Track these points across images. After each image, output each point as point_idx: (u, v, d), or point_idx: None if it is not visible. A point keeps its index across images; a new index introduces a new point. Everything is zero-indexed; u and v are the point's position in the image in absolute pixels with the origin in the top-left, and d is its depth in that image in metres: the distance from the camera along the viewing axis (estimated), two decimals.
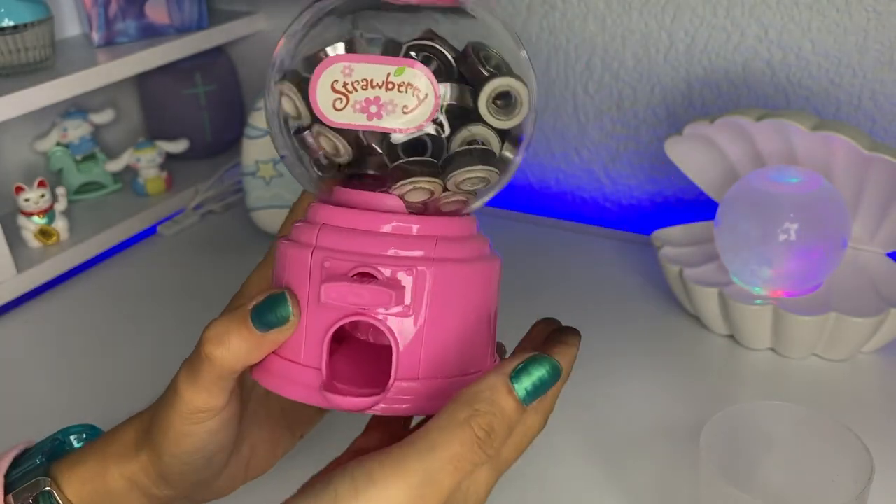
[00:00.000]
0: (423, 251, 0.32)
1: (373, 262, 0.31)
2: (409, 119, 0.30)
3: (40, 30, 0.74)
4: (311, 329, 0.32)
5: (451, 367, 0.33)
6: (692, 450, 0.43)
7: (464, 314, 0.33)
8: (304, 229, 0.33)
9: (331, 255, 0.31)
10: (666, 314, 0.67)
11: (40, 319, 0.74)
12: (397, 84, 0.29)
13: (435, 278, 0.31)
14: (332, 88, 0.30)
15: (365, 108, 0.30)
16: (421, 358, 0.32)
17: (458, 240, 0.33)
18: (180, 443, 0.34)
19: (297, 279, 0.32)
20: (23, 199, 0.77)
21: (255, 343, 0.32)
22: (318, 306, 0.31)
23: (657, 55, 0.76)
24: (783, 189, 0.59)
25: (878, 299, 0.59)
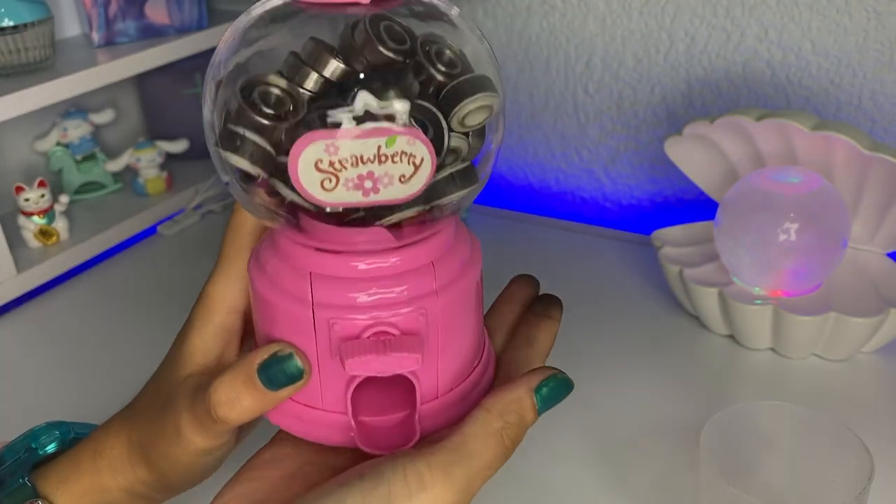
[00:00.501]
0: (426, 284, 0.31)
1: (385, 318, 0.30)
2: (409, 187, 0.28)
3: (40, 30, 0.74)
4: (328, 381, 0.31)
5: (463, 372, 0.33)
6: (692, 450, 0.43)
7: (467, 321, 0.33)
8: (288, 276, 0.31)
9: (336, 314, 0.30)
10: (666, 314, 0.67)
11: (40, 319, 0.74)
12: (390, 156, 0.27)
13: (443, 308, 0.31)
14: (317, 168, 0.27)
15: (359, 185, 0.27)
16: (438, 379, 0.32)
17: (449, 253, 0.32)
18: (190, 469, 0.34)
19: (301, 337, 0.30)
20: (23, 199, 0.77)
21: (270, 400, 0.31)
22: (333, 362, 0.30)
23: (657, 55, 0.76)
24: (783, 189, 0.59)
25: (878, 299, 0.59)
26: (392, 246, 0.30)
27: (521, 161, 0.88)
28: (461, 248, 0.33)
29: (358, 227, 0.30)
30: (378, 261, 0.30)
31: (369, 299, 0.30)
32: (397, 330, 0.30)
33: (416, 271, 0.30)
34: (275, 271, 0.31)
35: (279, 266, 0.31)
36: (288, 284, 0.31)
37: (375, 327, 0.30)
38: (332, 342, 0.30)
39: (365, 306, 0.30)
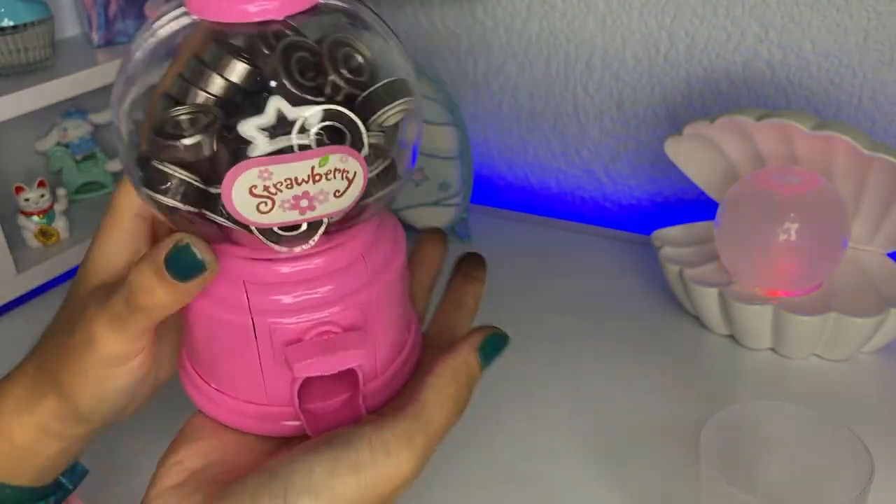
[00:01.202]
0: (360, 278, 0.31)
1: (325, 318, 0.30)
2: (343, 200, 0.28)
3: (40, 30, 0.74)
4: (272, 380, 0.31)
5: (398, 346, 0.34)
6: (692, 450, 0.43)
7: (399, 304, 0.34)
8: (223, 287, 0.30)
9: (276, 320, 0.30)
10: (666, 314, 0.67)
11: (40, 319, 0.74)
12: (324, 174, 0.27)
13: (378, 296, 0.32)
14: (252, 193, 0.26)
15: (295, 206, 0.27)
16: (377, 361, 0.33)
17: (377, 244, 0.33)
18: (101, 386, 0.33)
19: (239, 342, 0.31)
20: (23, 199, 0.77)
21: (182, 293, 0.30)
22: (277, 364, 0.30)
23: (657, 55, 0.76)
24: (783, 189, 0.59)
25: (878, 299, 0.59)
26: (322, 247, 0.31)
27: (521, 161, 0.88)
28: (385, 235, 0.34)
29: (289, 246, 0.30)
30: (311, 262, 0.30)
31: (307, 300, 0.30)
32: (339, 327, 0.30)
33: (349, 267, 0.31)
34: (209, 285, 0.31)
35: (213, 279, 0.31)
36: (224, 295, 0.30)
37: (318, 328, 0.30)
38: (274, 347, 0.30)
39: (303, 308, 0.30)
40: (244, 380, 0.32)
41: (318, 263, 0.31)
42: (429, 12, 0.86)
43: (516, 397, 0.58)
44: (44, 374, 0.35)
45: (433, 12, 0.86)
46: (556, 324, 0.67)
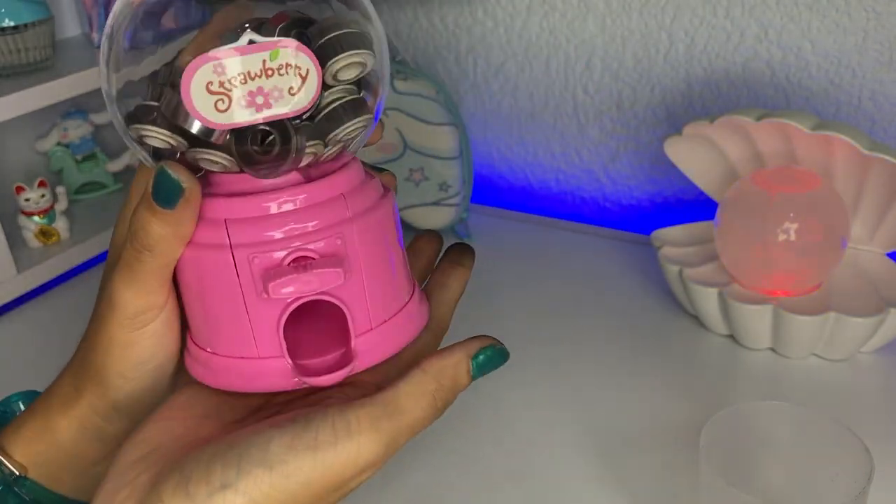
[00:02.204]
0: (339, 213, 0.32)
1: (302, 243, 0.31)
2: (299, 99, 0.29)
3: (40, 30, 0.74)
4: (258, 324, 0.31)
5: (392, 305, 0.34)
6: (692, 450, 0.43)
7: (388, 253, 0.34)
8: (204, 229, 0.32)
9: (255, 250, 0.31)
10: (666, 314, 0.67)
11: (40, 319, 0.74)
12: (276, 68, 0.28)
13: (360, 233, 0.32)
14: (209, 90, 0.28)
15: (251, 102, 0.28)
16: (368, 309, 0.33)
17: (359, 188, 0.33)
18: (126, 356, 0.34)
19: (223, 283, 0.31)
20: (23, 199, 0.77)
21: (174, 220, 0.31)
22: (260, 300, 0.31)
23: (657, 55, 0.76)
24: (783, 189, 0.59)
25: (877, 299, 0.59)
26: (302, 184, 0.32)
27: (521, 161, 0.88)
28: (371, 186, 0.34)
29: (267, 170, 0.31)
30: (290, 196, 0.31)
31: (285, 231, 0.31)
32: (317, 255, 0.31)
33: (329, 202, 0.32)
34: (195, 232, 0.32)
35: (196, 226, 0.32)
36: (205, 237, 0.31)
37: (295, 254, 0.31)
38: (255, 279, 0.31)
39: (282, 238, 0.31)
40: (233, 328, 0.32)
41: (298, 198, 0.31)
42: (429, 12, 0.86)
43: (516, 397, 0.58)
44: (84, 366, 0.36)
45: (433, 12, 0.86)
46: (555, 323, 0.67)
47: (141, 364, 0.34)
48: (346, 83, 0.32)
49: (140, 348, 0.34)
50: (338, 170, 0.33)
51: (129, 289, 0.32)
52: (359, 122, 0.32)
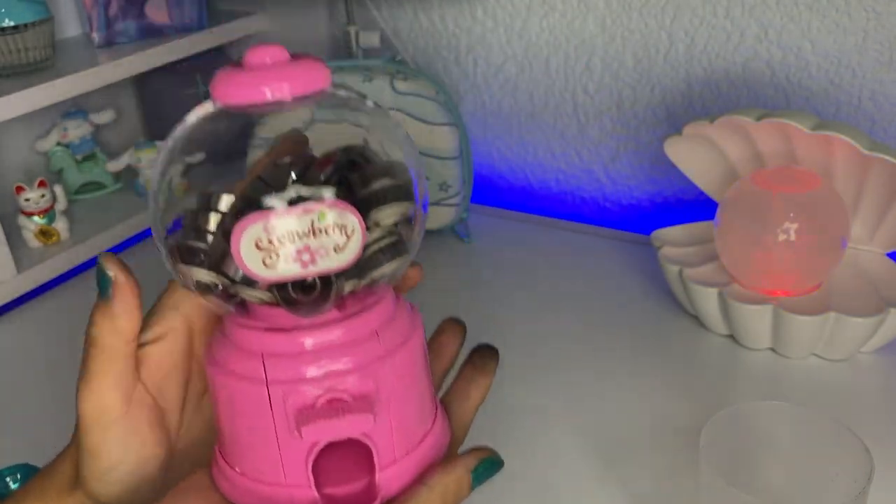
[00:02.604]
0: (372, 351, 0.32)
1: (335, 385, 0.31)
2: (344, 256, 0.30)
3: (40, 30, 0.74)
4: (288, 455, 0.32)
5: (417, 434, 0.34)
6: (692, 450, 0.43)
7: (417, 385, 0.34)
8: (241, 359, 0.32)
9: (290, 389, 0.31)
10: (666, 314, 0.67)
11: (40, 319, 0.74)
12: (324, 228, 0.29)
13: (392, 371, 0.32)
14: (257, 247, 0.29)
15: (297, 259, 0.29)
16: (394, 443, 0.33)
17: (392, 321, 0.34)
18: (93, 462, 0.34)
19: (256, 414, 0.32)
20: (23, 199, 0.77)
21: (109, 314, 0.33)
22: (291, 436, 0.31)
23: (657, 55, 0.76)
24: (783, 189, 0.59)
25: (877, 299, 0.59)
26: (335, 318, 0.32)
27: (521, 161, 0.88)
28: (402, 316, 0.35)
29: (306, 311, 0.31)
30: (325, 334, 0.32)
31: (320, 370, 0.31)
32: (349, 396, 0.31)
33: (363, 340, 0.32)
34: (228, 359, 0.33)
35: (232, 353, 0.33)
36: (241, 368, 0.32)
37: (327, 395, 0.31)
38: (287, 416, 0.31)
39: (316, 377, 0.31)
40: (262, 456, 0.33)
41: (333, 335, 0.32)
42: (429, 12, 0.86)
43: (516, 396, 0.58)
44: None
45: (433, 12, 0.86)
46: (555, 323, 0.67)
47: (111, 469, 0.34)
48: (385, 227, 0.33)
49: (106, 454, 0.34)
50: (372, 304, 0.33)
51: (83, 389, 0.33)
52: (396, 263, 0.33)
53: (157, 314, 0.36)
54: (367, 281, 0.32)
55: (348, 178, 0.32)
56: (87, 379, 0.33)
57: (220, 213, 0.31)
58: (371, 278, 0.32)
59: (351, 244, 0.30)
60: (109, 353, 0.33)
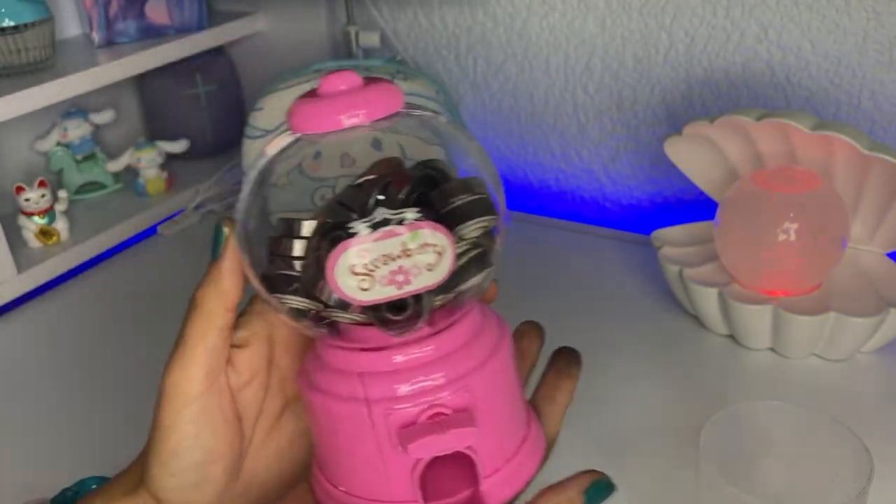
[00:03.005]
0: (465, 364, 0.33)
1: (435, 401, 0.32)
2: (436, 273, 0.30)
3: (40, 30, 0.74)
4: (394, 471, 0.32)
5: (514, 441, 0.35)
6: (692, 450, 0.43)
7: (510, 392, 0.35)
8: (338, 380, 0.33)
9: (390, 406, 0.32)
10: (666, 314, 0.67)
11: (40, 319, 0.74)
12: (414, 249, 0.30)
13: (486, 381, 0.33)
14: (352, 272, 0.30)
15: (392, 281, 0.30)
16: (494, 452, 0.34)
17: (480, 332, 0.34)
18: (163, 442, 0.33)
19: (358, 434, 0.32)
20: (23, 199, 0.77)
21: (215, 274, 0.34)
22: (395, 453, 0.32)
23: (657, 55, 0.76)
24: (783, 189, 0.59)
25: (877, 299, 0.59)
26: (427, 334, 0.33)
27: (521, 161, 0.88)
28: (490, 325, 0.35)
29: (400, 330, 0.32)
30: (418, 350, 0.32)
31: (417, 386, 0.32)
32: (449, 409, 0.32)
33: (456, 352, 0.33)
34: (325, 381, 0.33)
35: (328, 375, 0.33)
36: (340, 389, 0.33)
37: (429, 410, 0.32)
38: (390, 433, 0.32)
39: (415, 393, 0.32)
40: (368, 474, 0.33)
41: (427, 350, 0.32)
42: (429, 12, 0.86)
43: None
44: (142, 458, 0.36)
45: (433, 12, 0.86)
46: (555, 323, 0.67)
47: (177, 454, 0.33)
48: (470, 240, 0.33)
49: (177, 433, 0.33)
50: (461, 317, 0.34)
51: (174, 360, 0.33)
52: (482, 276, 0.33)
53: (245, 317, 0.36)
54: (454, 295, 0.32)
55: (428, 195, 0.32)
56: (180, 346, 0.33)
57: (304, 238, 0.32)
58: (458, 292, 0.32)
59: (443, 262, 0.30)
60: (209, 317, 0.33)
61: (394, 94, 0.32)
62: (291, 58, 0.93)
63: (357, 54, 0.88)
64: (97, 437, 0.59)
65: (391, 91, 0.32)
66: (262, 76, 0.95)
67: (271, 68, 0.95)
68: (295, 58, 0.93)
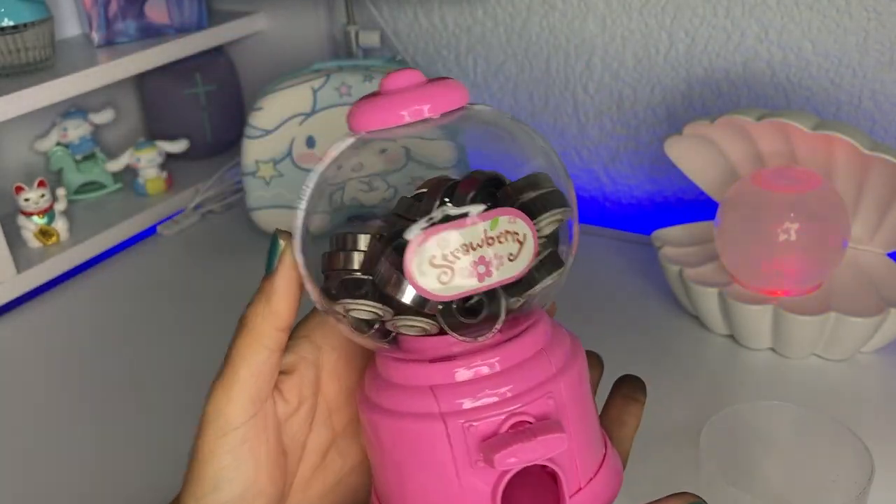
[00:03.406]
0: (545, 370, 0.31)
1: (517, 410, 0.30)
2: (518, 263, 0.29)
3: (40, 30, 0.74)
4: (470, 496, 0.30)
5: (596, 459, 0.33)
6: (692, 450, 0.43)
7: (588, 406, 0.33)
8: (406, 398, 0.30)
9: (470, 417, 0.29)
10: (666, 314, 0.67)
11: (40, 319, 0.74)
12: (496, 237, 0.28)
13: (567, 389, 0.31)
14: (432, 264, 0.28)
15: (473, 271, 0.28)
16: (578, 468, 0.31)
17: (555, 340, 0.33)
18: (201, 475, 0.31)
19: (435, 454, 0.30)
20: (23, 199, 0.77)
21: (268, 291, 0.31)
22: (475, 471, 0.30)
23: (657, 55, 0.76)
24: (783, 189, 0.59)
25: (877, 299, 0.59)
26: (498, 341, 0.31)
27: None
28: (562, 334, 0.34)
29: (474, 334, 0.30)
30: (493, 358, 0.30)
31: (497, 395, 0.30)
32: (532, 417, 0.30)
33: (532, 359, 0.31)
34: (390, 397, 0.31)
35: (393, 391, 0.31)
36: (409, 406, 0.30)
37: (512, 419, 0.29)
38: (469, 447, 0.29)
39: (496, 403, 0.30)
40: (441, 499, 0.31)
41: (501, 358, 0.31)
42: (429, 12, 0.86)
43: None
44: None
45: (433, 12, 0.86)
46: None
47: (215, 488, 0.31)
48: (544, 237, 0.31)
49: (216, 463, 0.31)
50: (532, 325, 0.32)
51: (217, 385, 0.31)
52: (556, 276, 0.32)
53: (291, 341, 0.33)
54: (526, 298, 0.31)
55: (495, 195, 0.31)
56: (225, 368, 0.31)
57: (362, 251, 0.30)
58: (532, 294, 0.31)
59: (524, 251, 0.29)
60: (257, 337, 0.31)
61: (457, 90, 0.31)
62: (291, 58, 0.93)
63: (357, 54, 0.88)
64: (97, 438, 0.59)
65: (454, 87, 0.31)
66: (262, 76, 0.95)
67: (271, 68, 0.95)
68: (295, 58, 0.93)
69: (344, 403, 0.35)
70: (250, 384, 0.31)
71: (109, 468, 0.56)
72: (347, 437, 0.35)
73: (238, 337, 0.31)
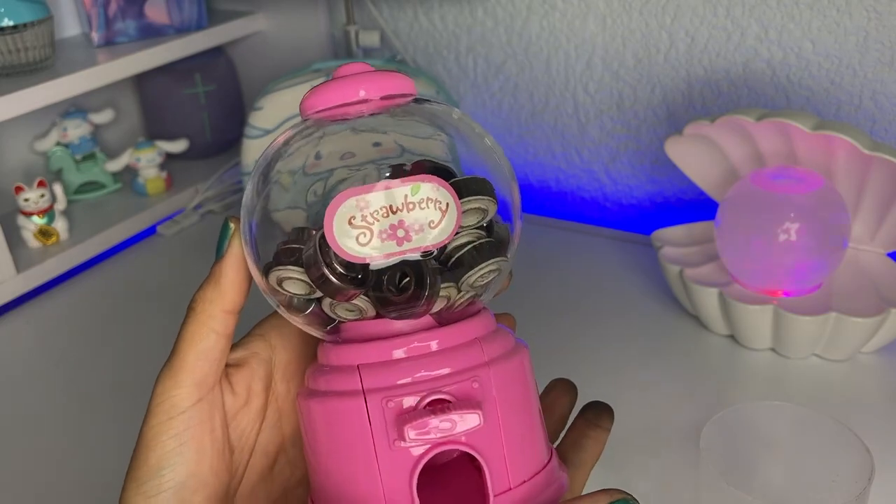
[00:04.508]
0: (475, 358, 0.31)
1: (438, 387, 0.30)
2: (439, 232, 0.29)
3: (40, 30, 0.74)
4: (390, 477, 0.30)
5: (530, 466, 0.32)
6: (692, 450, 0.43)
7: (526, 405, 0.33)
8: (334, 378, 0.31)
9: (389, 394, 0.29)
10: (666, 314, 0.67)
11: (40, 319, 0.74)
12: (417, 203, 0.29)
13: (497, 379, 0.31)
14: (351, 224, 0.28)
15: (392, 235, 0.29)
16: (507, 465, 0.31)
17: (493, 335, 0.33)
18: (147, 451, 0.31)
19: (355, 432, 0.30)
20: (23, 199, 0.77)
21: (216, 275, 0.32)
22: (392, 451, 0.29)
23: (657, 55, 0.76)
24: (783, 189, 0.59)
25: (878, 299, 0.59)
26: (433, 325, 0.31)
27: (521, 161, 0.88)
28: (505, 335, 0.34)
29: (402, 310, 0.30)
30: (424, 340, 0.31)
31: (420, 375, 0.30)
32: (453, 398, 0.30)
33: (464, 346, 0.31)
34: (321, 380, 0.31)
35: (325, 373, 0.31)
36: (335, 384, 0.31)
37: (431, 397, 0.30)
38: (388, 424, 0.29)
39: (418, 381, 0.30)
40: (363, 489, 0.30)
41: (432, 342, 0.31)
42: (429, 12, 0.86)
43: None
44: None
45: (433, 12, 0.86)
46: (555, 324, 0.67)
47: (157, 473, 0.30)
48: (469, 228, 0.31)
49: (159, 448, 0.31)
50: (473, 317, 0.32)
51: (164, 370, 0.31)
52: (491, 265, 0.31)
53: (246, 338, 0.34)
54: (462, 286, 0.31)
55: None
56: (172, 355, 0.31)
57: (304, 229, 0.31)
58: (466, 282, 0.31)
59: (446, 219, 0.29)
60: (204, 320, 0.31)
61: (403, 79, 0.32)
62: (291, 57, 0.93)
63: (357, 54, 0.88)
64: (96, 438, 0.59)
65: (401, 76, 0.32)
66: (262, 76, 0.95)
67: (271, 68, 0.95)
68: (294, 57, 0.93)
69: (294, 408, 0.35)
70: (196, 368, 0.31)
71: (110, 468, 0.55)
72: (297, 447, 0.35)
73: (186, 321, 0.31)
